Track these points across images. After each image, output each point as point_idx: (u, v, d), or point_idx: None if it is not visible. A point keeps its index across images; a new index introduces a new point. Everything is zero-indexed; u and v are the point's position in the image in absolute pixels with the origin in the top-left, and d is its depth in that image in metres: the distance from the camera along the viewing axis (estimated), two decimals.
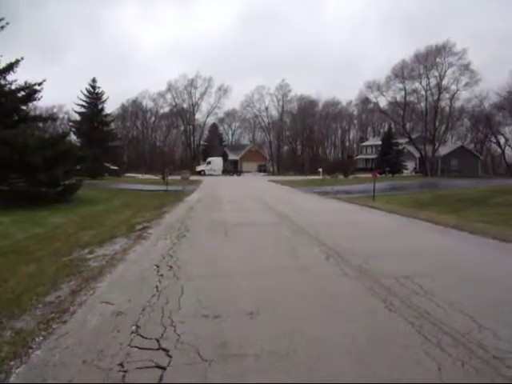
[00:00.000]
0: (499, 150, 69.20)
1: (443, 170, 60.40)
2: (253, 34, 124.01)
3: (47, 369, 3.36)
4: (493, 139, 68.36)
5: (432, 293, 5.15)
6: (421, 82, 59.99)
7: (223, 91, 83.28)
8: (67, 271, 6.70)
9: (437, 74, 58.79)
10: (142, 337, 3.91)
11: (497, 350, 3.59)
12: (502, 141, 66.85)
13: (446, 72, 58.29)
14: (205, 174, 58.28)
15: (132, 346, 3.71)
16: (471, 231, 10.19)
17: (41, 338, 4.01)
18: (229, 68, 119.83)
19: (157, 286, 5.59)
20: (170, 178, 30.54)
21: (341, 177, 53.13)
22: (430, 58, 57.95)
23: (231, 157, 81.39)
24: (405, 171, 61.10)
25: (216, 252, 7.99)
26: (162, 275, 6.19)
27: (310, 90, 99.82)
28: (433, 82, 59.56)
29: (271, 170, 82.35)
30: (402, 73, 59.21)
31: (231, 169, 70.49)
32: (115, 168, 45.80)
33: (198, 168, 63.19)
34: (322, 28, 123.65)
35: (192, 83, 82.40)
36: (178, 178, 38.10)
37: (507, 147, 66.59)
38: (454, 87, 59.23)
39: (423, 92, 60.82)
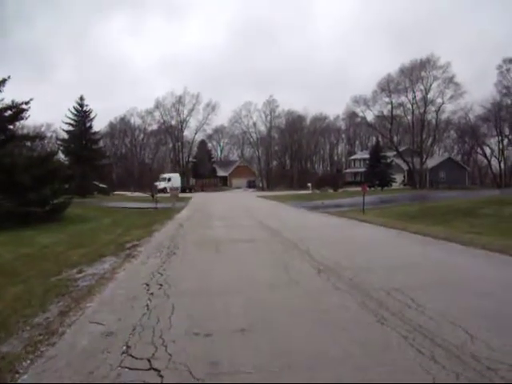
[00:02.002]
0: (485, 161, 70.18)
1: (432, 182, 60.96)
2: (240, 50, 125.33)
3: None
4: (479, 150, 69.32)
5: (423, 305, 5.15)
6: (407, 96, 61.03)
7: (211, 108, 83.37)
8: (56, 291, 6.59)
9: (422, 87, 59.85)
10: (133, 357, 3.84)
11: (490, 360, 3.58)
12: (488, 152, 67.91)
13: (431, 85, 59.39)
14: (166, 192, 49.20)
15: (123, 367, 3.63)
16: (461, 242, 10.26)
17: (28, 361, 3.92)
18: (216, 84, 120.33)
19: (147, 305, 5.52)
20: (160, 195, 30.40)
21: (330, 191, 53.40)
22: (415, 72, 59.00)
23: (220, 173, 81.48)
24: (393, 184, 61.48)
25: (206, 269, 7.92)
26: (152, 294, 6.11)
27: (297, 106, 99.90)
28: (419, 95, 60.61)
29: (260, 185, 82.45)
30: (387, 87, 60.15)
31: (189, 186, 69.37)
32: (104, 186, 45.51)
33: (160, 185, 54.80)
34: (308, 44, 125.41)
35: (180, 100, 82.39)
36: (167, 195, 38.02)
37: (493, 158, 67.56)
38: (439, 100, 60.27)
39: (409, 105, 61.81)
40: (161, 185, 56.32)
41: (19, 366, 3.81)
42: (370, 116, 66.24)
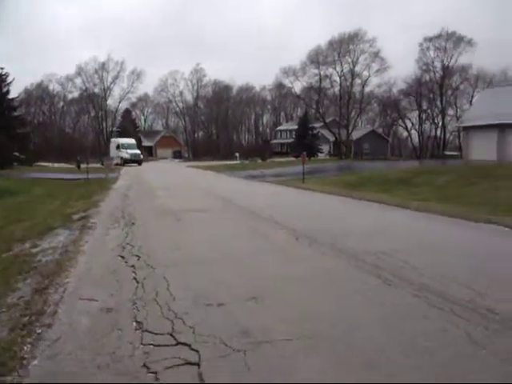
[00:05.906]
0: (405, 133, 74.29)
1: (356, 152, 63.34)
2: (169, 15, 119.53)
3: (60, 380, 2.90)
4: (400, 123, 72.95)
5: (418, 267, 5.26)
6: (335, 68, 62.34)
7: (136, 75, 79.71)
8: (17, 268, 5.97)
9: (350, 60, 61.40)
10: (151, 333, 3.51)
11: (506, 311, 3.76)
12: (409, 125, 71.89)
13: (358, 59, 61.13)
14: (124, 164, 42.91)
15: (145, 344, 3.31)
16: (415, 208, 10.68)
17: (28, 345, 3.41)
18: (143, 51, 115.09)
19: (135, 278, 5.12)
20: (90, 165, 28.71)
21: (259, 161, 53.71)
22: (344, 45, 60.27)
23: (145, 143, 78.72)
24: (320, 154, 63.09)
25: (177, 239, 7.53)
26: (133, 266, 5.69)
27: (225, 76, 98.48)
28: (346, 68, 62.16)
29: (186, 155, 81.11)
30: (317, 59, 60.92)
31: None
32: (23, 157, 42.06)
33: (121, 153, 46.85)
34: (242, 13, 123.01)
35: (103, 67, 77.94)
36: (95, 165, 36.18)
37: (413, 131, 71.73)
38: (365, 73, 62.38)
39: (337, 78, 63.22)
40: (121, 153, 47.28)
41: (21, 352, 3.30)
42: (298, 87, 67.04)
